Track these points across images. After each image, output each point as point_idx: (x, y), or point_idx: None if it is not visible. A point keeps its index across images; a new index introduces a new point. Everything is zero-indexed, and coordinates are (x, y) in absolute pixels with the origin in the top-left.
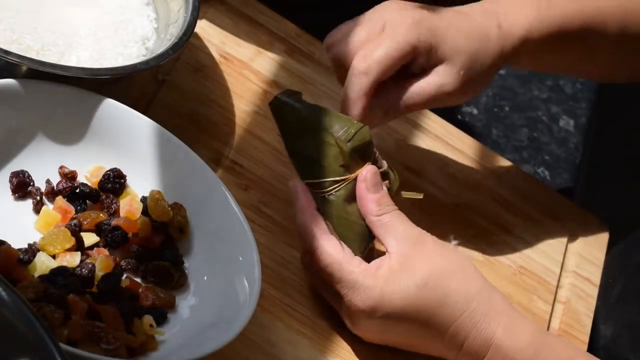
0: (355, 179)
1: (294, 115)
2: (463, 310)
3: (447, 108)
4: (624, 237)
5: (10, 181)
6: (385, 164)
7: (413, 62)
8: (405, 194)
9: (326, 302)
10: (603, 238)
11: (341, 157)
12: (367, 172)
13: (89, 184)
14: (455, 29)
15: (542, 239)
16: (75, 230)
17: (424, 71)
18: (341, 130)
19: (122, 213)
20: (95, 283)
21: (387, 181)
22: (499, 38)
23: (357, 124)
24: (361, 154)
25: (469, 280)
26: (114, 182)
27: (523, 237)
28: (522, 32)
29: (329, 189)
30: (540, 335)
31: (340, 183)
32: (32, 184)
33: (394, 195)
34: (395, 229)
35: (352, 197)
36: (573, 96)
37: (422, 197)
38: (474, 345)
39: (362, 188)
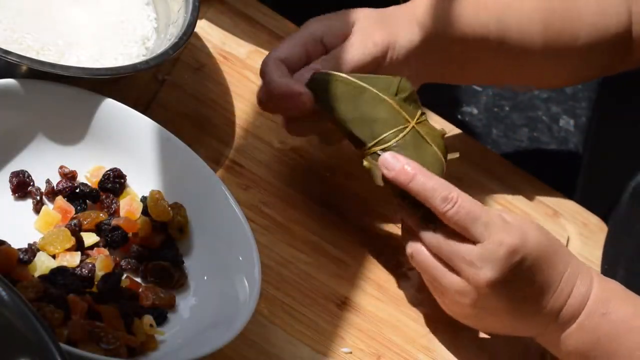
0: (415, 124)
1: (337, 87)
2: (566, 267)
3: (448, 108)
4: (614, 224)
5: (10, 181)
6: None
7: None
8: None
9: (325, 302)
10: (603, 237)
11: (396, 108)
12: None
13: (89, 184)
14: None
15: None
16: (75, 230)
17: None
18: (386, 87)
19: (122, 213)
20: (95, 283)
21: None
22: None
23: (396, 78)
24: (410, 102)
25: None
26: (114, 182)
27: None
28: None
29: (394, 140)
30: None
31: (403, 131)
32: (32, 184)
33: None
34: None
35: (418, 142)
36: (573, 96)
37: (458, 155)
38: (578, 296)
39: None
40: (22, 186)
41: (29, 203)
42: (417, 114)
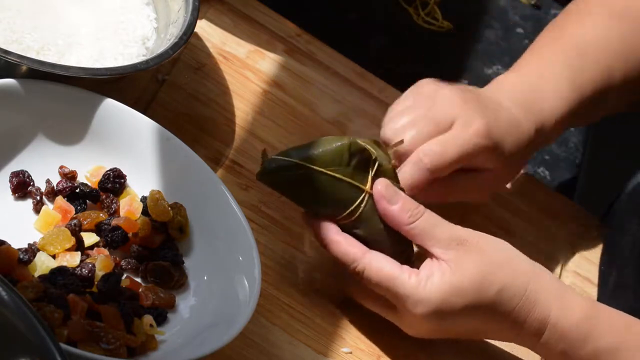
0: (372, 189)
1: (287, 177)
2: (518, 300)
3: None
4: (611, 225)
5: (10, 181)
6: (370, 148)
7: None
8: (389, 148)
9: (325, 302)
10: (602, 238)
11: (350, 182)
12: (380, 186)
13: (89, 184)
14: (509, 134)
15: (542, 239)
16: (75, 230)
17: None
18: (336, 159)
19: (122, 213)
20: (95, 283)
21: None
22: (537, 137)
23: (344, 139)
24: (363, 164)
25: (518, 269)
26: (114, 182)
27: (523, 237)
28: (553, 125)
29: (357, 214)
30: (593, 308)
31: (362, 203)
32: (32, 184)
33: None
34: (432, 233)
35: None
36: None
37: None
38: (531, 329)
39: (383, 204)
40: (22, 186)
41: (29, 203)
42: (369, 174)
